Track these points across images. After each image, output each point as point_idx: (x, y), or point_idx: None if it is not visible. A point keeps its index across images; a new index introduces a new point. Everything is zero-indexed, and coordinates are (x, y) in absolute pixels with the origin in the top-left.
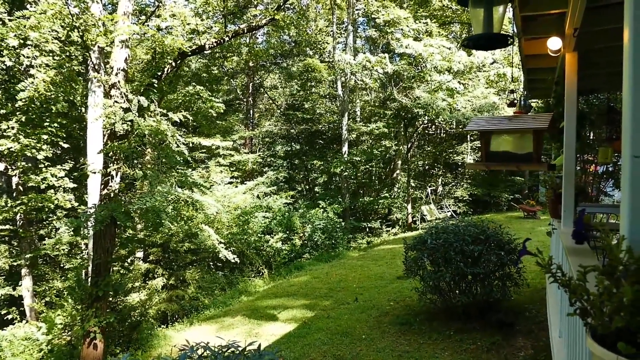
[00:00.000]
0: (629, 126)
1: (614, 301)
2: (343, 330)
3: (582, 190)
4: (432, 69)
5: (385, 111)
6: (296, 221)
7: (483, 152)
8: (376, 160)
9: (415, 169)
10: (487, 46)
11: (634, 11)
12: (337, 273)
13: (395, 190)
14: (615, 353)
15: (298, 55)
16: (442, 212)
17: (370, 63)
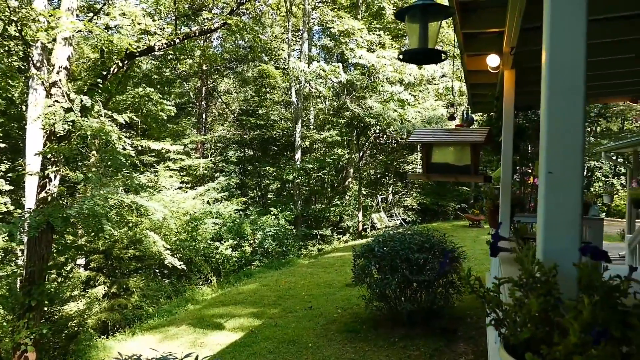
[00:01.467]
0: (544, 145)
1: (524, 312)
2: (290, 338)
3: (519, 201)
4: (384, 79)
5: (339, 120)
6: (247, 228)
7: (424, 164)
8: (329, 168)
9: (367, 178)
10: (422, 60)
11: (550, 34)
12: (286, 281)
13: (346, 198)
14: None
15: (253, 61)
16: (392, 220)
17: (324, 71)
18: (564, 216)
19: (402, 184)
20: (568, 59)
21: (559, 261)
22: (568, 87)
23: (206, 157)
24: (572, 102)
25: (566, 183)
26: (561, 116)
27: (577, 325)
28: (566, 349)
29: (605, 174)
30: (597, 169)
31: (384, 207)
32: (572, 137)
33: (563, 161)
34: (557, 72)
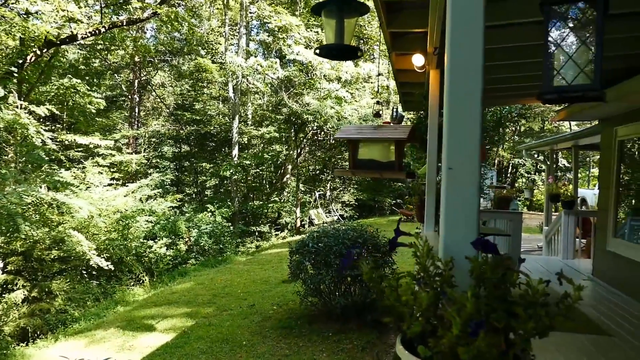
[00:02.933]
0: (445, 142)
1: (416, 306)
2: (224, 337)
3: None
4: (321, 77)
5: (277, 116)
6: (182, 225)
7: (350, 160)
8: (267, 165)
9: (305, 174)
10: (338, 56)
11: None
12: (222, 279)
13: (285, 194)
14: (415, 356)
15: (189, 54)
16: (330, 216)
17: (261, 67)
18: (463, 210)
19: (340, 180)
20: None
21: (459, 254)
22: (467, 89)
23: (139, 153)
24: (470, 103)
25: (465, 178)
26: (460, 115)
27: (458, 318)
28: (450, 341)
29: (528, 171)
30: (521, 165)
31: (322, 203)
32: (470, 135)
33: (462, 158)
34: (457, 75)
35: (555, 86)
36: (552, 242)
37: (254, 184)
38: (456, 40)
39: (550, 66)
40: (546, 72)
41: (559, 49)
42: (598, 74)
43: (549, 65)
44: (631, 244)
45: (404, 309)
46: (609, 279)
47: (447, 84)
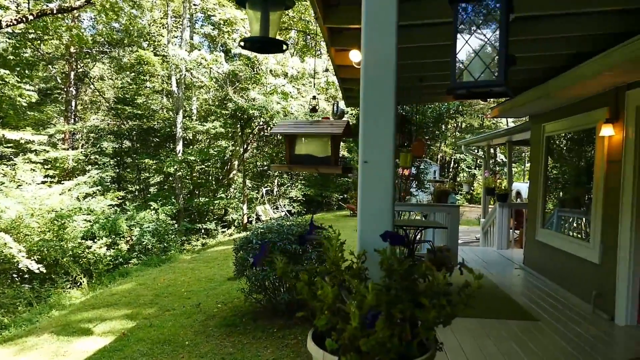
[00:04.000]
0: (361, 137)
1: (325, 300)
2: (165, 338)
3: None
4: (268, 71)
5: (223, 111)
6: (122, 224)
7: (287, 154)
8: (213, 161)
9: (252, 170)
10: (262, 49)
11: (367, 34)
12: (165, 278)
13: (231, 190)
14: (322, 349)
15: (130, 46)
16: (277, 212)
17: (206, 61)
18: (378, 204)
19: (287, 176)
20: (381, 60)
21: (373, 247)
22: (380, 85)
23: (76, 149)
24: (384, 99)
25: (379, 172)
26: (374, 111)
27: (357, 310)
28: (350, 333)
29: (469, 166)
30: (462, 161)
31: (269, 199)
32: (384, 130)
33: (376, 152)
34: (371, 71)
35: (463, 82)
36: (488, 234)
37: (199, 181)
38: (370, 38)
39: (458, 62)
40: (454, 68)
41: (466, 45)
42: (502, 70)
43: (457, 62)
44: (558, 234)
45: (316, 304)
46: (538, 267)
47: (362, 80)
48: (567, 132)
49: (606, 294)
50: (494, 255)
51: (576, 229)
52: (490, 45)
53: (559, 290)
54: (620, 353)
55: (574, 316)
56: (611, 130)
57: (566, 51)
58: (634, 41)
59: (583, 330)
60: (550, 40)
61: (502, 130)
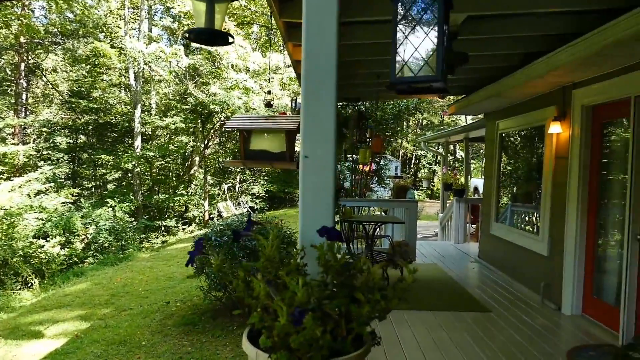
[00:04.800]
0: (302, 132)
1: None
2: (121, 339)
3: (341, 186)
4: (229, 66)
5: (183, 106)
6: (77, 222)
7: (242, 150)
8: (173, 157)
9: (214, 166)
10: (208, 41)
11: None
12: (122, 277)
13: (192, 187)
14: (256, 347)
15: (85, 37)
16: (240, 208)
17: (164, 54)
18: (319, 198)
19: (250, 172)
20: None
21: (313, 242)
22: (321, 81)
23: (27, 144)
24: (324, 94)
25: (320, 167)
26: (315, 106)
27: (285, 307)
28: (278, 330)
29: (429, 162)
30: (423, 157)
31: (231, 196)
32: (325, 125)
33: (317, 147)
34: (312, 67)
35: (403, 77)
36: (446, 228)
37: (159, 177)
38: (310, 33)
39: (398, 58)
40: (394, 64)
41: (406, 41)
42: (440, 65)
43: (397, 57)
44: (510, 228)
45: (252, 301)
46: (492, 260)
47: (302, 76)
48: (519, 129)
49: (554, 285)
50: (451, 249)
51: (527, 223)
52: (429, 41)
53: (511, 282)
54: (566, 341)
55: (524, 306)
56: (559, 127)
57: (517, 51)
58: (578, 42)
59: (532, 319)
60: (502, 40)
61: (459, 128)
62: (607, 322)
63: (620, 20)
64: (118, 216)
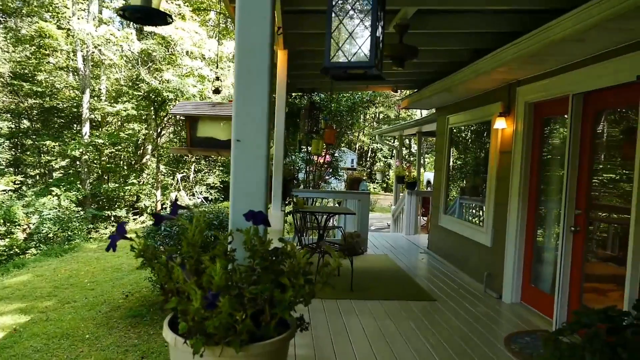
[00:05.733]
0: (234, 115)
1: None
2: (64, 332)
3: (293, 177)
4: (183, 53)
5: (135, 92)
6: (18, 211)
7: (188, 137)
8: (124, 144)
9: (167, 155)
10: (145, 19)
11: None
12: (67, 269)
13: (144, 176)
14: (174, 333)
15: (30, 17)
16: (194, 198)
17: (115, 37)
18: (251, 183)
19: (205, 162)
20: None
21: (243, 227)
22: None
23: None
24: (258, 77)
25: (253, 151)
26: (249, 88)
27: (197, 290)
28: (192, 314)
29: (385, 155)
30: (379, 150)
31: (185, 186)
32: (259, 109)
33: (250, 131)
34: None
35: (337, 62)
36: (398, 220)
37: (109, 165)
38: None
39: (333, 43)
40: (329, 49)
41: (341, 26)
42: (373, 51)
43: (332, 42)
44: (458, 220)
45: (173, 286)
46: (440, 251)
47: (236, 57)
48: (468, 124)
49: (496, 274)
50: (402, 241)
51: (474, 216)
52: (363, 27)
53: (457, 272)
54: (505, 328)
55: (467, 295)
56: (504, 123)
57: (467, 47)
58: (522, 41)
59: (474, 308)
60: (452, 36)
61: (412, 122)
62: (543, 310)
63: (559, 20)
64: (64, 205)
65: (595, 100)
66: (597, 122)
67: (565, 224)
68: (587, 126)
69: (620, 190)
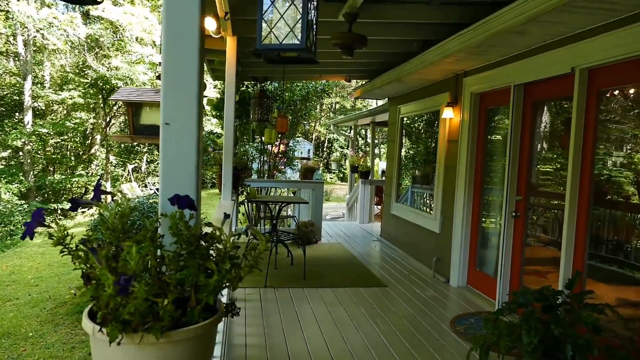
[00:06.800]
0: (162, 97)
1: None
2: (4, 331)
3: (245, 166)
4: (133, 39)
5: (82, 79)
6: None
7: (130, 124)
8: (71, 134)
9: (117, 145)
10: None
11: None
12: (9, 265)
13: (93, 167)
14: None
15: None
16: (146, 190)
17: (59, 21)
18: (180, 167)
19: (158, 152)
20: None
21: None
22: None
23: None
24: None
25: (182, 135)
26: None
27: (111, 277)
28: (106, 300)
29: (342, 145)
30: (335, 140)
31: (137, 177)
32: (188, 91)
33: (179, 114)
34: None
35: (269, 44)
36: (352, 209)
37: (54, 156)
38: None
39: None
40: (260, 30)
41: (273, 8)
42: (304, 34)
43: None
44: (409, 208)
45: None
46: (392, 239)
47: (163, 38)
48: (419, 114)
49: (444, 259)
50: (356, 229)
51: (424, 203)
52: (295, 9)
53: (407, 259)
54: (451, 310)
55: (417, 280)
56: (451, 113)
57: (417, 38)
58: (467, 32)
59: (423, 292)
60: (401, 26)
61: (365, 112)
62: (487, 292)
63: (501, 13)
64: (5, 199)
65: (534, 91)
66: (536, 113)
67: (507, 210)
68: (527, 116)
69: (557, 178)
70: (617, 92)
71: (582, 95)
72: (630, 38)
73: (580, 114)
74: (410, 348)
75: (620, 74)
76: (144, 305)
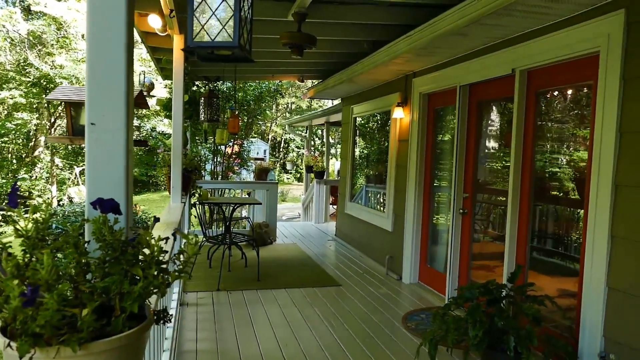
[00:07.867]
0: (87, 96)
1: None
2: None
3: (195, 167)
4: (79, 36)
5: (23, 78)
6: None
7: (69, 125)
8: (12, 136)
9: (64, 147)
10: None
11: None
12: None
13: (37, 170)
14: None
15: None
16: None
17: None
18: (108, 170)
19: None
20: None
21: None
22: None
23: None
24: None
25: (109, 135)
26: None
27: (17, 288)
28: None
29: (298, 146)
30: (292, 141)
31: (84, 180)
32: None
33: (106, 112)
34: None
35: (201, 41)
36: (308, 209)
37: None
38: None
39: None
40: (191, 27)
41: (204, 4)
42: (237, 32)
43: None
44: (363, 207)
45: None
46: (346, 238)
47: (87, 32)
48: (371, 114)
49: (396, 257)
50: (311, 229)
51: (377, 202)
52: (227, 6)
53: (362, 257)
54: (403, 307)
55: (370, 279)
56: (402, 113)
57: (367, 38)
58: (413, 34)
59: (376, 290)
60: (351, 27)
61: (319, 112)
62: (437, 288)
63: (445, 15)
64: None
65: (479, 91)
66: (481, 112)
67: (455, 207)
68: (472, 116)
69: (502, 175)
70: (555, 93)
71: (522, 96)
72: (564, 41)
73: (521, 114)
74: (363, 346)
75: (556, 75)
76: (56, 317)
